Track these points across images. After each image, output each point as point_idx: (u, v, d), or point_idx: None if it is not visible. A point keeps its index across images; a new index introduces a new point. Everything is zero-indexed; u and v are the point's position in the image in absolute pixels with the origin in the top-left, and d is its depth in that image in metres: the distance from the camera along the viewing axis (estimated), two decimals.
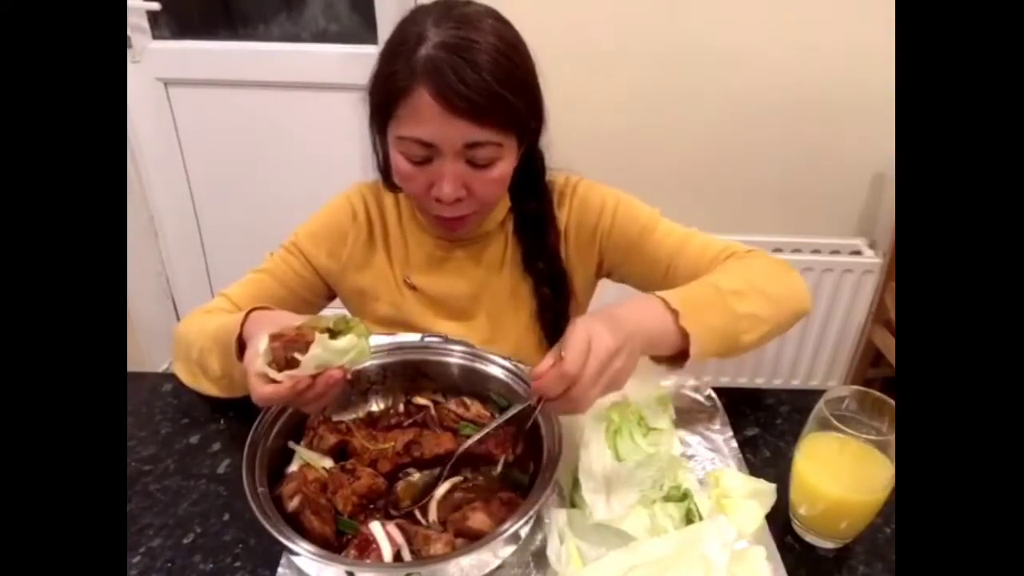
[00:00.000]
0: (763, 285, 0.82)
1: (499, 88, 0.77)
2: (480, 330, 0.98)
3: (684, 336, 0.73)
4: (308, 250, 0.97)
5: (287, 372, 0.64)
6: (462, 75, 0.75)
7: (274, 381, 0.64)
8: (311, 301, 0.99)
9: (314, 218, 0.99)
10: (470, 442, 0.74)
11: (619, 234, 0.95)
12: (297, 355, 0.64)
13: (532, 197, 0.95)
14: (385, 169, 0.92)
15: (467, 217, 0.88)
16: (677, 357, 0.75)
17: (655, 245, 0.93)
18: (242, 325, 0.75)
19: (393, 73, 0.79)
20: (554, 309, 0.98)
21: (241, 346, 0.75)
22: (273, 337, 0.65)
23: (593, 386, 0.64)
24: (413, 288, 0.98)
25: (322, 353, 0.64)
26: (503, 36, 0.80)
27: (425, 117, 0.77)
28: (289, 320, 0.69)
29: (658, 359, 0.76)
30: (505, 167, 0.84)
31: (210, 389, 0.87)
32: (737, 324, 0.78)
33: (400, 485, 0.74)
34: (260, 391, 0.64)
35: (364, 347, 0.67)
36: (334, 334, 0.65)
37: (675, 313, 0.73)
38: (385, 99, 0.81)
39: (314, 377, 0.64)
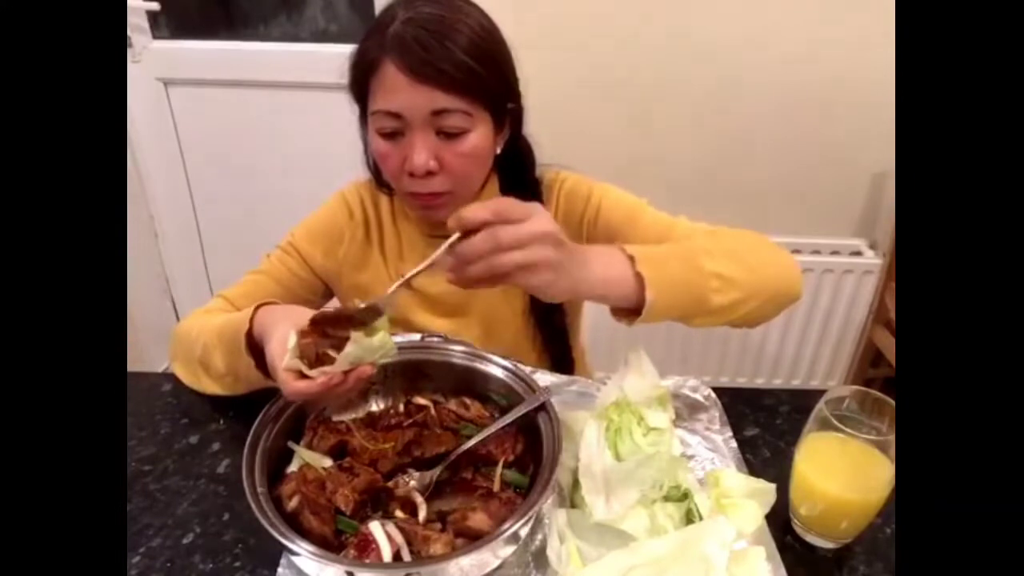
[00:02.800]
0: (739, 251, 0.79)
1: (464, 56, 0.78)
2: (475, 327, 0.98)
3: (642, 284, 0.69)
4: (305, 250, 0.97)
5: (320, 368, 0.65)
6: (426, 44, 0.77)
7: (304, 376, 0.65)
8: (309, 300, 0.99)
9: (310, 218, 0.99)
10: (473, 441, 0.74)
11: (604, 223, 0.94)
12: (330, 351, 0.65)
13: (521, 189, 0.95)
14: (375, 168, 0.92)
15: (442, 196, 0.87)
16: (631, 311, 0.71)
17: (642, 232, 0.92)
18: (251, 321, 0.75)
19: (365, 52, 0.81)
20: (547, 303, 0.98)
21: (250, 342, 0.75)
22: (303, 333, 0.66)
23: (516, 246, 0.60)
24: (408, 287, 0.98)
25: (356, 350, 0.65)
26: (473, 15, 0.82)
27: (391, 88, 0.79)
28: (301, 314, 0.69)
29: (617, 314, 0.74)
30: (477, 140, 0.84)
31: (212, 388, 0.86)
32: (704, 281, 0.74)
33: (400, 491, 0.74)
34: (292, 386, 0.65)
35: (392, 343, 0.68)
36: (362, 324, 0.66)
37: (632, 259, 0.70)
38: (359, 79, 0.83)
39: (346, 373, 0.65)
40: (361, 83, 0.83)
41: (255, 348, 0.75)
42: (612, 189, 0.97)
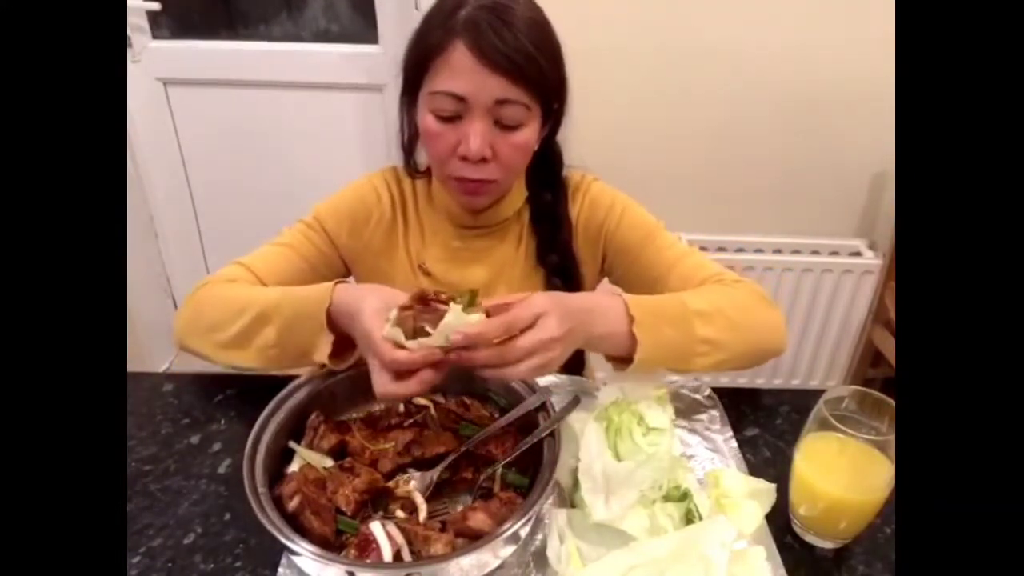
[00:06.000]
0: (733, 313, 0.82)
1: (532, 49, 0.80)
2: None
3: (634, 342, 0.75)
4: (330, 227, 0.97)
5: (419, 340, 0.66)
6: (500, 33, 0.78)
7: (402, 347, 0.67)
8: (328, 278, 0.98)
9: (336, 197, 1.00)
10: (473, 441, 0.74)
11: (622, 237, 0.97)
12: (427, 326, 0.66)
13: (548, 189, 0.97)
14: (408, 149, 0.93)
15: (488, 184, 0.88)
16: (622, 359, 0.77)
17: (653, 254, 0.94)
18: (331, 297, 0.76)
19: (430, 32, 0.82)
20: None
21: (328, 317, 0.75)
22: (403, 307, 0.67)
23: (524, 358, 0.67)
24: (428, 274, 0.99)
25: (454, 322, 0.65)
26: (536, 9, 0.84)
27: (459, 70, 0.80)
28: (388, 290, 0.72)
29: (608, 358, 0.79)
30: (529, 134, 0.85)
31: (242, 360, 0.83)
32: (693, 346, 0.79)
33: (400, 491, 0.74)
34: (392, 354, 0.66)
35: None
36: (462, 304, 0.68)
37: (631, 319, 0.75)
38: (421, 58, 0.83)
39: (446, 352, 0.67)
40: (421, 62, 0.83)
41: (332, 325, 0.75)
42: (633, 204, 0.99)
